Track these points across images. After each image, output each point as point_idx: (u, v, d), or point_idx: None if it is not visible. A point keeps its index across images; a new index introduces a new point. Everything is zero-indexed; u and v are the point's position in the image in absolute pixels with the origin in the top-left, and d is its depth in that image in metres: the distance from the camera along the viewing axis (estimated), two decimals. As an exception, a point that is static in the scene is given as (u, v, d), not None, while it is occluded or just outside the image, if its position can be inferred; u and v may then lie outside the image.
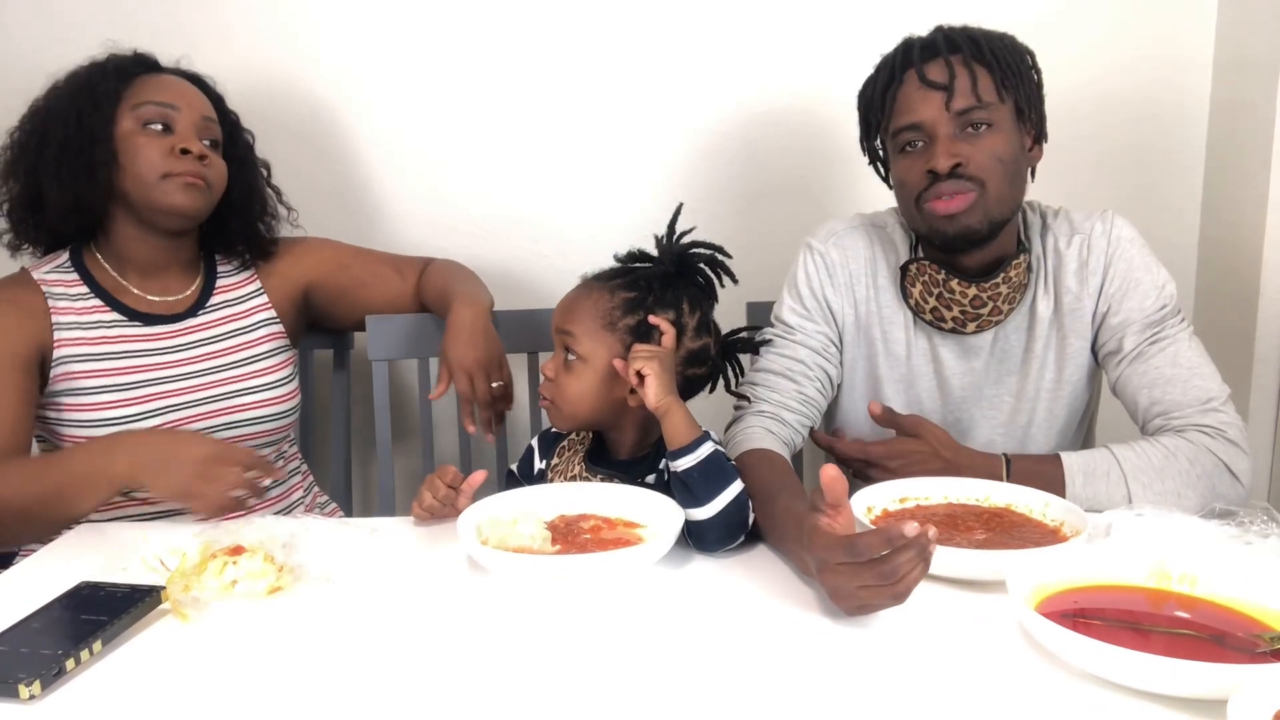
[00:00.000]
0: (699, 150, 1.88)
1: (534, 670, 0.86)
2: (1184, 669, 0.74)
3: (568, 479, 1.27)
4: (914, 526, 0.84)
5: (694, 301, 1.23)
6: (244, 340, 1.47)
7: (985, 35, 1.24)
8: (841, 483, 0.91)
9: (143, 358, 1.38)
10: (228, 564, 0.99)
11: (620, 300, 1.21)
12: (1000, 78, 1.21)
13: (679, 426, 1.11)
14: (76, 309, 1.36)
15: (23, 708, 0.80)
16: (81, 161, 1.31)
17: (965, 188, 1.21)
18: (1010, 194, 1.24)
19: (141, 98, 1.34)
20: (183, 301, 1.44)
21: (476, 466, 1.81)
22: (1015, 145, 1.23)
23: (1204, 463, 1.19)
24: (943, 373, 1.36)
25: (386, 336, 1.67)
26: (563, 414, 1.23)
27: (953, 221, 1.22)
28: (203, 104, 1.40)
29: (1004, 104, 1.22)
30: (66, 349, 1.34)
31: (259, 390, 1.45)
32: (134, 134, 1.33)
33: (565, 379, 1.21)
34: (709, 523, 1.08)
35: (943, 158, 1.20)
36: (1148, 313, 1.27)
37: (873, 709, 0.79)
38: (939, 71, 1.21)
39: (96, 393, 1.34)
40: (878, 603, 0.89)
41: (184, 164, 1.33)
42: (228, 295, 1.49)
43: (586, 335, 1.20)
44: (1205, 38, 1.81)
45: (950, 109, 1.20)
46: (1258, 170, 1.68)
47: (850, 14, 1.81)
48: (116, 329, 1.38)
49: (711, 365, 1.26)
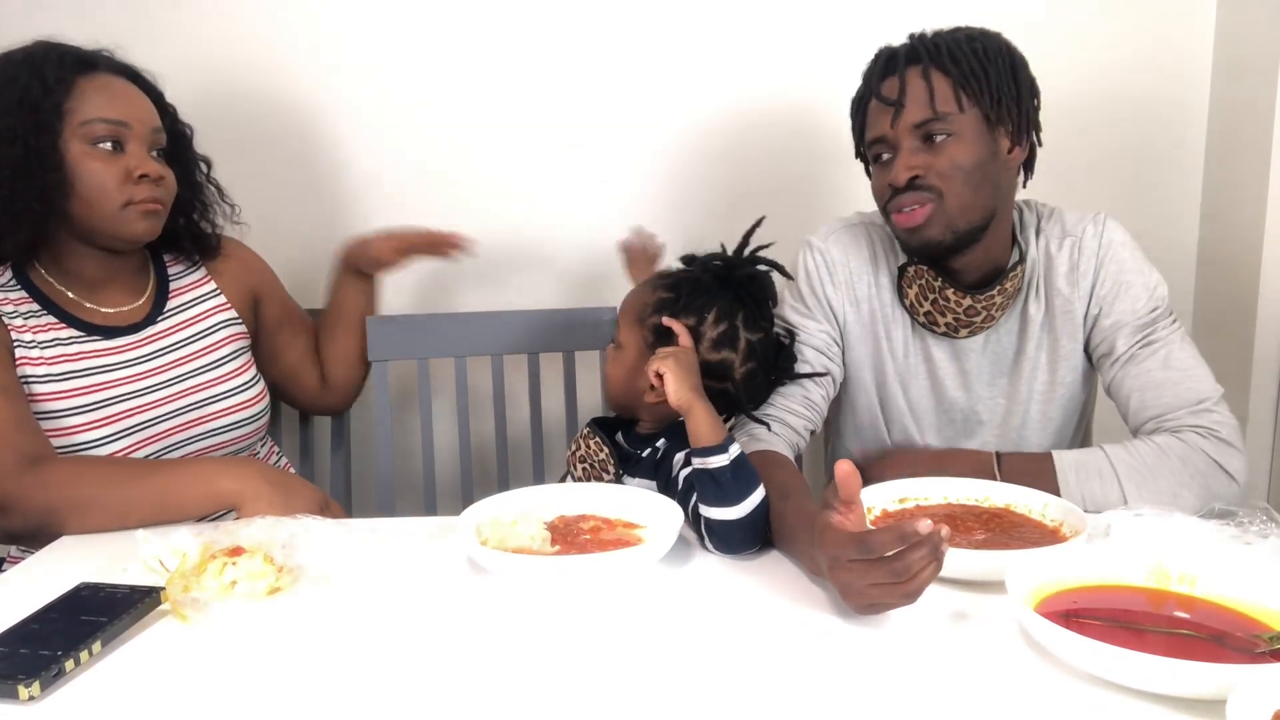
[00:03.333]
0: (699, 150, 1.88)
1: (534, 671, 0.86)
2: (1183, 669, 0.74)
3: (579, 440, 1.31)
4: (927, 524, 0.83)
5: (723, 313, 1.23)
6: (208, 343, 1.42)
7: (951, 40, 1.23)
8: (855, 479, 0.91)
9: (108, 373, 1.31)
10: (227, 565, 0.98)
11: (656, 299, 1.25)
12: (962, 85, 1.20)
13: (705, 424, 1.11)
14: (30, 326, 1.28)
15: (22, 708, 0.80)
16: (33, 190, 1.22)
17: (923, 198, 1.22)
18: (976, 201, 1.23)
19: (88, 114, 1.25)
20: (139, 310, 1.38)
21: (477, 466, 1.82)
22: (981, 151, 1.22)
23: (1197, 462, 1.19)
24: (936, 373, 1.37)
25: (386, 336, 1.67)
26: (604, 393, 1.34)
27: (913, 234, 1.24)
28: (149, 112, 1.32)
29: (965, 112, 1.21)
30: (26, 368, 1.26)
31: (229, 395, 1.41)
32: (85, 157, 1.25)
33: (609, 362, 1.30)
34: (739, 523, 1.07)
35: (899, 170, 1.22)
36: (1139, 314, 1.27)
37: (872, 709, 0.79)
38: (891, 88, 1.23)
39: (64, 415, 1.27)
40: (888, 601, 0.88)
41: (143, 190, 1.27)
42: (183, 298, 1.43)
43: (626, 325, 1.28)
44: (1205, 38, 1.81)
45: (899, 124, 1.21)
46: (1257, 170, 1.68)
47: (849, 14, 1.82)
48: (75, 345, 1.30)
49: (735, 386, 1.25)
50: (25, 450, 1.19)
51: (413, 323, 1.70)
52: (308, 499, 1.20)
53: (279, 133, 1.86)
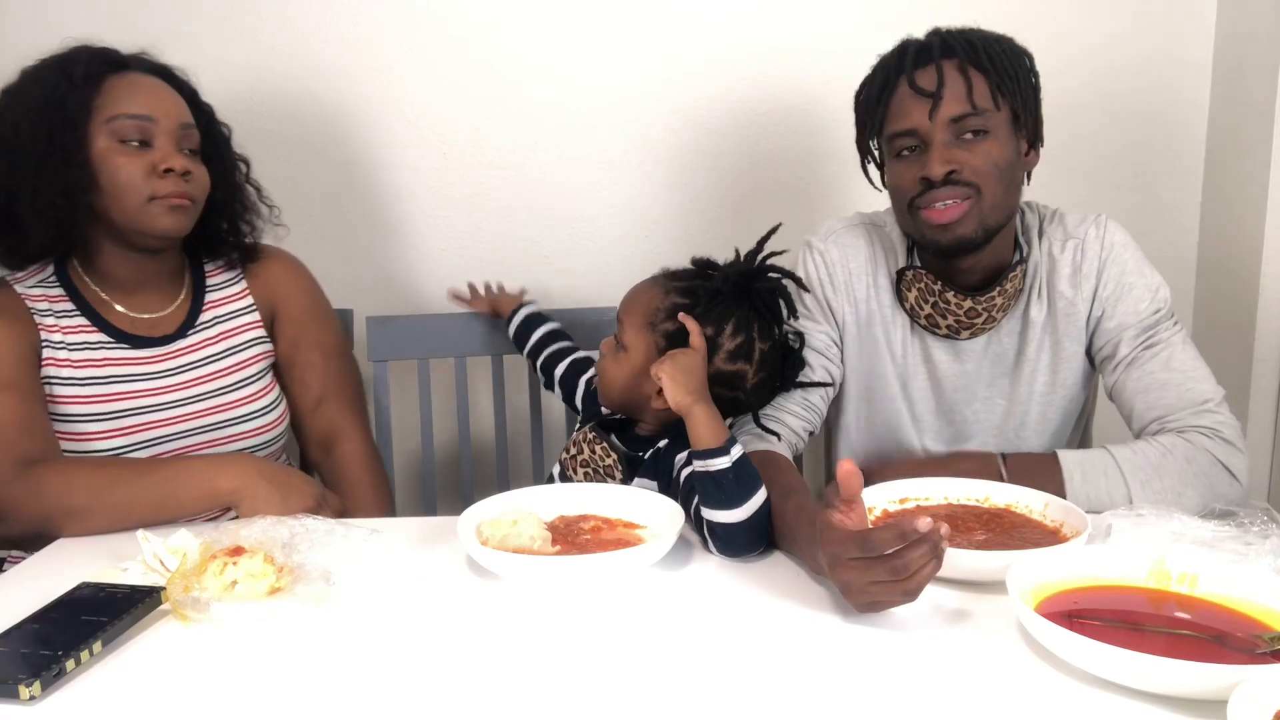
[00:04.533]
0: (699, 151, 1.88)
1: (534, 671, 0.86)
2: (1184, 669, 0.74)
3: (579, 443, 1.30)
4: (927, 522, 0.84)
5: (740, 325, 1.22)
6: (235, 362, 1.39)
7: (983, 38, 1.23)
8: (857, 478, 0.91)
9: (130, 383, 1.30)
10: (228, 565, 0.99)
11: (669, 304, 1.23)
12: (997, 83, 1.20)
13: (706, 427, 1.10)
14: (62, 327, 1.28)
15: (23, 708, 0.80)
16: (58, 185, 1.22)
17: (961, 194, 1.20)
18: (1005, 201, 1.23)
19: (114, 109, 1.24)
20: (172, 318, 1.36)
21: (477, 466, 1.82)
22: (1011, 151, 1.22)
23: (1200, 461, 1.19)
24: (936, 374, 1.37)
25: (386, 336, 1.67)
26: (600, 392, 1.29)
27: (946, 231, 1.22)
28: (178, 108, 1.30)
29: (1000, 110, 1.21)
30: (51, 368, 1.26)
31: (250, 418, 1.38)
32: (111, 153, 1.24)
33: (609, 362, 1.27)
34: (741, 526, 1.06)
35: (937, 164, 1.19)
36: (1141, 316, 1.27)
37: (872, 709, 0.79)
38: (929, 79, 1.20)
39: (80, 420, 1.27)
40: (889, 599, 0.89)
41: (168, 184, 1.25)
42: (219, 310, 1.40)
43: (633, 328, 1.25)
44: (1205, 39, 1.81)
45: (937, 117, 1.19)
46: (1257, 171, 1.68)
47: (850, 14, 1.81)
48: (102, 351, 1.30)
49: (746, 395, 1.25)
50: (24, 455, 1.19)
51: (413, 323, 1.70)
52: (305, 494, 1.20)
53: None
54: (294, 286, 1.48)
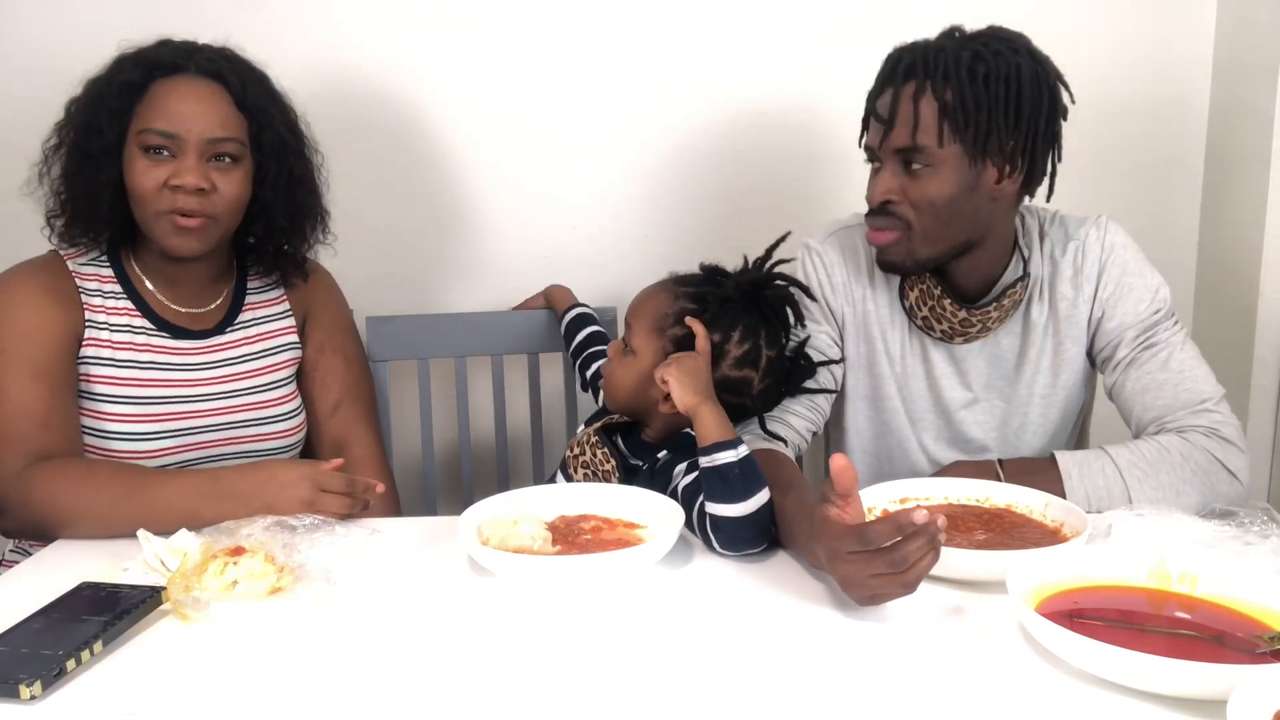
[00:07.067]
0: (699, 151, 1.88)
1: (535, 671, 0.86)
2: (1184, 669, 0.74)
3: (583, 444, 1.29)
4: (923, 514, 0.85)
5: (748, 332, 1.23)
6: (268, 364, 1.40)
7: (955, 59, 1.16)
8: (851, 472, 0.92)
9: (165, 371, 1.32)
10: (228, 564, 0.99)
11: (678, 309, 1.24)
12: (947, 116, 1.15)
13: (713, 423, 1.11)
14: (108, 308, 1.31)
15: (23, 708, 0.80)
16: (94, 180, 1.26)
17: (890, 224, 1.22)
18: (944, 235, 1.21)
19: (146, 121, 1.24)
20: (213, 314, 1.38)
21: (477, 466, 1.82)
22: (956, 186, 1.18)
23: (1198, 459, 1.19)
24: (933, 374, 1.37)
25: (387, 336, 1.67)
26: (607, 395, 1.29)
27: (880, 252, 1.25)
28: (216, 119, 1.26)
29: (945, 147, 1.16)
30: (91, 349, 1.28)
31: (274, 421, 1.39)
32: (133, 159, 1.25)
33: (616, 365, 1.27)
34: (745, 520, 1.07)
35: (875, 192, 1.22)
36: (1142, 316, 1.27)
37: (872, 708, 0.79)
38: (885, 104, 1.20)
39: (112, 401, 1.28)
40: (888, 591, 0.89)
41: (175, 201, 1.23)
42: (257, 313, 1.41)
43: (641, 332, 1.25)
44: (1205, 39, 1.81)
45: (886, 145, 1.20)
46: (1257, 171, 1.68)
47: (850, 14, 1.81)
48: (143, 336, 1.32)
49: (752, 400, 1.25)
50: (37, 449, 1.19)
51: (413, 323, 1.70)
52: (295, 506, 1.15)
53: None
54: (328, 297, 1.50)
